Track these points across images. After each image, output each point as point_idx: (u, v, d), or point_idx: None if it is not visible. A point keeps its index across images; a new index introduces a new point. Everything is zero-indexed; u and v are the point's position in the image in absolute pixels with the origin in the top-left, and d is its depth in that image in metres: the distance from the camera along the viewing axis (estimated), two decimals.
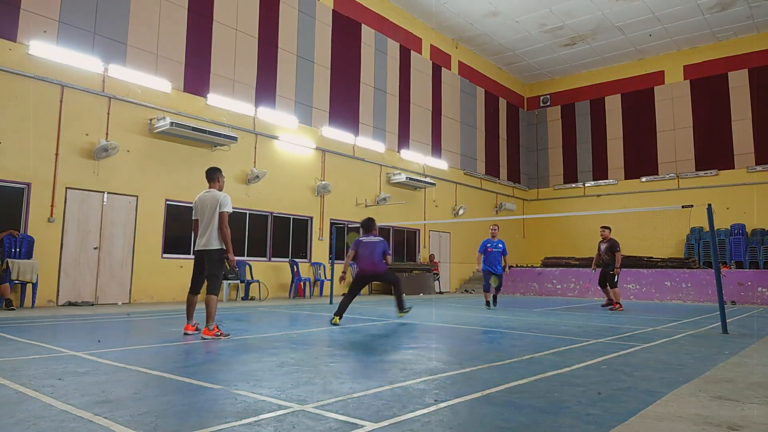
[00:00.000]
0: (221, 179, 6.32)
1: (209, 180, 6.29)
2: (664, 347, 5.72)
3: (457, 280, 20.92)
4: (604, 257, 11.20)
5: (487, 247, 10.96)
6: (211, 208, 6.03)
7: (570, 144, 24.90)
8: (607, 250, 11.13)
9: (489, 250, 10.90)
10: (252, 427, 2.65)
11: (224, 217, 5.98)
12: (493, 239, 11.02)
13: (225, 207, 5.98)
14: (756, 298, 14.41)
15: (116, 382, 3.62)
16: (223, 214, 5.97)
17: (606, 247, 11.17)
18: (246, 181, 13.64)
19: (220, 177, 6.31)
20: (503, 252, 10.97)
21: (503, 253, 10.97)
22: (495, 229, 11.17)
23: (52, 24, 10.51)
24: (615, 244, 11.09)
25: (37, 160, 10.16)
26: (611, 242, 11.14)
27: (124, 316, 8.52)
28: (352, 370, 4.30)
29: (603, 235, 11.30)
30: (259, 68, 14.31)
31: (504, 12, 18.95)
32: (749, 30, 20.13)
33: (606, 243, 11.21)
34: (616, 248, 11.01)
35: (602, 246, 11.29)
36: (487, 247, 10.95)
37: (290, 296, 14.04)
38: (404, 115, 18.99)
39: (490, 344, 5.80)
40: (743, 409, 3.13)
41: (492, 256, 10.88)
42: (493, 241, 11.01)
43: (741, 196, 20.04)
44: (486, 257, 10.94)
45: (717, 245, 9.66)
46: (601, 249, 11.29)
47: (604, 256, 11.18)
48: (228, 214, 6.02)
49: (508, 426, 2.72)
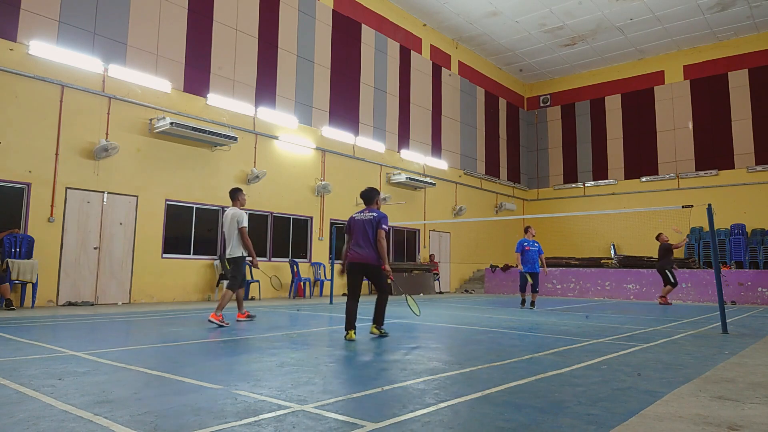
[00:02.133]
0: (242, 198, 7.64)
1: (231, 199, 7.66)
2: (664, 347, 5.71)
3: (457, 280, 20.92)
4: None
5: (524, 246, 11.32)
6: (232, 223, 7.39)
7: (570, 144, 24.90)
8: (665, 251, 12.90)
9: (527, 248, 11.28)
10: (252, 427, 2.64)
11: (243, 231, 7.34)
12: (531, 239, 11.44)
13: (242, 223, 7.35)
14: (756, 298, 14.41)
15: (116, 382, 3.62)
16: (242, 229, 7.34)
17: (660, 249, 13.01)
18: (246, 181, 13.64)
19: (241, 196, 7.63)
20: (539, 251, 11.37)
21: (539, 252, 11.37)
22: (533, 231, 11.65)
23: (52, 24, 10.52)
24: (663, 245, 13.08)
25: (37, 160, 10.16)
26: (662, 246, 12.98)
27: (128, 315, 8.52)
28: (352, 369, 4.30)
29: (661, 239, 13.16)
30: (259, 68, 14.31)
31: (504, 12, 18.95)
32: (749, 30, 20.13)
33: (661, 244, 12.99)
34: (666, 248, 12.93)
35: None
36: (525, 246, 11.31)
37: (290, 296, 14.04)
38: (404, 115, 18.99)
39: (490, 344, 5.80)
40: (743, 409, 3.13)
41: (529, 255, 11.26)
42: (530, 240, 11.40)
43: (741, 196, 20.04)
44: (523, 257, 11.31)
45: (717, 245, 9.67)
46: None
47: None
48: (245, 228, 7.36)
49: (508, 426, 2.72)
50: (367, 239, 6.04)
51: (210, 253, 12.96)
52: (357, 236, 6.12)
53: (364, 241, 6.05)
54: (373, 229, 6.05)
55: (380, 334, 6.15)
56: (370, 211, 6.21)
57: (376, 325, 6.22)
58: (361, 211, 6.30)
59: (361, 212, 6.28)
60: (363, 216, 6.19)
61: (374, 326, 6.22)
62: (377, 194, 6.43)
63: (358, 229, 6.13)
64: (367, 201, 6.38)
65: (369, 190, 6.45)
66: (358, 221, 6.18)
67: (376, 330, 6.19)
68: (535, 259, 11.28)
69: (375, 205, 6.38)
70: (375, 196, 6.38)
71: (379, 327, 6.20)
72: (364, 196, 6.44)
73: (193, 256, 12.57)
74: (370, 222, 6.10)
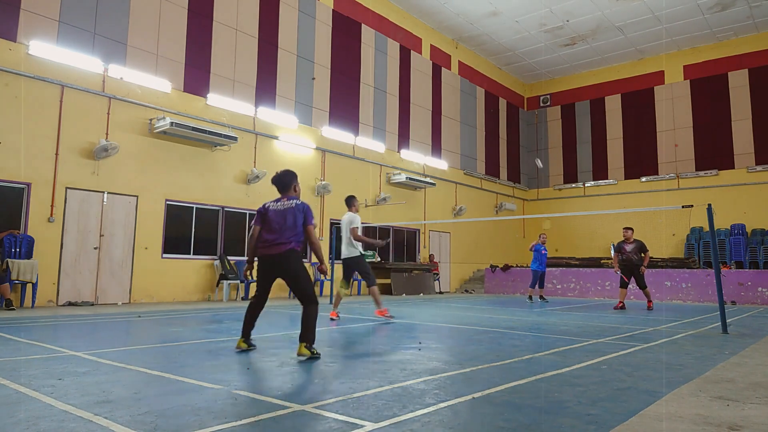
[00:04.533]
0: (356, 204, 8.54)
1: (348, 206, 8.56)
2: (664, 347, 5.71)
3: (457, 280, 20.92)
4: (632, 258, 11.17)
5: (541, 250, 13.45)
6: (346, 226, 8.34)
7: (570, 144, 24.90)
8: (638, 250, 11.17)
9: (543, 252, 13.41)
10: (252, 427, 2.64)
11: (353, 231, 8.22)
12: (543, 244, 13.54)
13: (354, 224, 8.32)
14: (756, 298, 14.41)
15: (116, 382, 3.61)
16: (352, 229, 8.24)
17: (635, 247, 11.19)
18: (246, 181, 13.64)
19: (355, 202, 8.56)
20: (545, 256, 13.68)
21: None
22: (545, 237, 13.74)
23: (52, 24, 10.52)
24: (643, 244, 11.28)
25: (37, 160, 10.16)
26: (639, 243, 11.24)
27: (128, 315, 8.52)
28: (352, 370, 4.29)
29: (626, 236, 11.35)
30: (259, 68, 14.31)
31: (504, 12, 18.95)
32: (749, 30, 20.13)
33: (632, 244, 11.25)
34: (645, 248, 11.21)
35: (627, 247, 11.28)
36: (542, 250, 13.44)
37: (290, 296, 14.04)
38: (404, 115, 18.99)
39: (490, 344, 5.79)
40: (743, 409, 3.12)
41: (544, 258, 13.52)
42: (542, 245, 13.50)
43: (741, 196, 20.04)
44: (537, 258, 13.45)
45: (717, 245, 9.66)
46: (627, 250, 11.26)
47: (633, 256, 11.17)
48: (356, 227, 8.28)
49: (508, 426, 2.72)
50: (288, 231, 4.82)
51: (210, 253, 12.96)
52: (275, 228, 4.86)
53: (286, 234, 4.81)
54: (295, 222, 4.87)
55: (313, 355, 4.60)
56: (288, 200, 4.99)
57: (302, 344, 4.63)
58: (276, 200, 5.04)
59: (276, 201, 5.02)
60: (280, 206, 4.94)
61: (301, 347, 4.62)
62: (291, 177, 5.12)
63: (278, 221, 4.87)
64: (282, 186, 5.08)
65: (283, 172, 5.15)
66: (275, 212, 4.91)
67: (305, 351, 4.60)
68: (545, 261, 13.58)
69: (292, 192, 5.11)
70: (289, 181, 5.09)
71: (309, 346, 4.63)
72: (276, 181, 5.10)
73: (193, 256, 12.57)
74: (291, 212, 4.88)
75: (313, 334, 4.68)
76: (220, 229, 13.20)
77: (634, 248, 11.18)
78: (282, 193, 5.08)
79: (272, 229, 4.84)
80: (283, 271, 4.85)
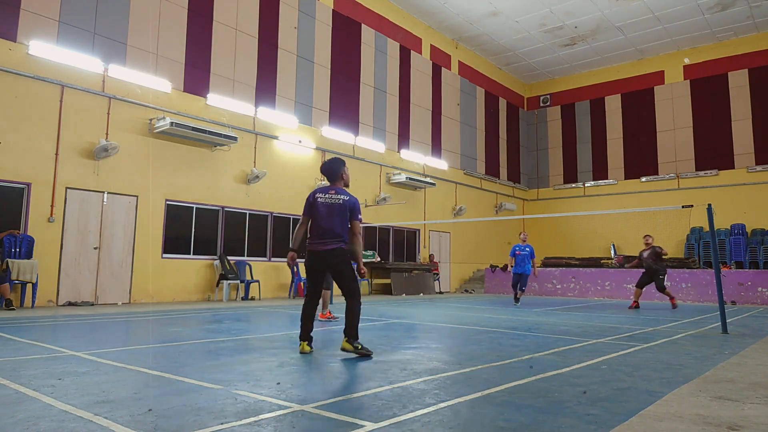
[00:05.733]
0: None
1: None
2: (664, 347, 5.71)
3: (457, 280, 20.92)
4: (649, 263, 11.72)
5: (516, 251, 12.61)
6: None
7: (570, 144, 24.89)
8: (654, 255, 11.72)
9: (518, 253, 12.54)
10: (252, 427, 2.64)
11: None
12: (522, 244, 12.65)
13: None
14: (756, 298, 14.41)
15: (116, 382, 3.61)
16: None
17: (650, 253, 11.77)
18: (246, 181, 13.64)
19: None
20: (531, 255, 12.47)
21: (531, 256, 12.46)
22: (524, 236, 12.83)
23: (52, 24, 10.51)
24: (659, 250, 11.79)
25: (37, 160, 10.16)
26: (654, 249, 11.80)
27: (128, 315, 8.52)
28: (352, 370, 4.29)
29: (647, 242, 12.01)
30: (259, 68, 14.31)
31: (504, 12, 18.95)
32: (749, 30, 20.12)
33: (649, 249, 11.85)
34: (660, 254, 11.76)
35: (645, 253, 11.86)
36: (516, 251, 12.59)
37: (290, 296, 14.04)
38: (404, 115, 18.99)
39: (490, 344, 5.79)
40: (743, 409, 3.13)
41: (519, 258, 12.52)
42: (522, 245, 12.59)
43: (741, 196, 20.04)
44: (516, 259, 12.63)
45: (717, 245, 9.67)
46: (644, 255, 11.85)
47: (648, 260, 11.75)
48: None
49: (508, 426, 2.72)
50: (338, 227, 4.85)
51: (210, 253, 12.95)
52: (324, 222, 4.87)
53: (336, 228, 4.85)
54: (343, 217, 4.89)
55: (364, 352, 4.70)
56: (336, 193, 4.94)
57: (347, 340, 4.75)
58: (324, 190, 4.98)
59: (324, 191, 4.96)
60: (328, 198, 4.91)
61: (345, 341, 4.76)
62: (341, 166, 5.12)
63: (326, 214, 4.87)
64: (331, 175, 5.09)
65: (332, 160, 5.20)
66: (324, 205, 4.89)
67: (349, 345, 4.72)
68: (525, 262, 12.36)
69: (340, 182, 5.10)
70: (339, 170, 5.08)
71: (355, 345, 4.71)
72: (325, 170, 5.12)
73: (193, 256, 12.56)
74: (338, 207, 4.86)
75: (354, 330, 4.75)
76: (220, 229, 13.20)
77: (650, 254, 11.77)
78: (331, 182, 5.10)
79: (320, 225, 4.87)
80: (329, 266, 4.95)
